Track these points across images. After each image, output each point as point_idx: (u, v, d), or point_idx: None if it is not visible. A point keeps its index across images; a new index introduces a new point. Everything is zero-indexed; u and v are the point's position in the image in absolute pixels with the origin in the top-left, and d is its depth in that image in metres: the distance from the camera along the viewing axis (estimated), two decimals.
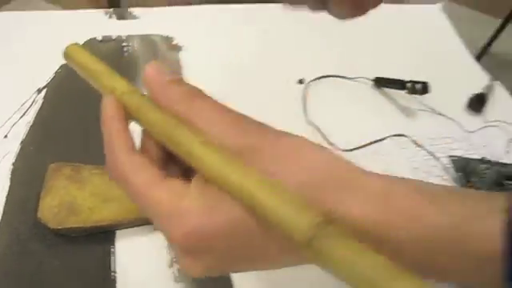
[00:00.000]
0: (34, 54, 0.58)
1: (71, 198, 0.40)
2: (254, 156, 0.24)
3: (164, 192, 0.25)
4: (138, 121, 0.27)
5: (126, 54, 0.60)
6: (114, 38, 0.62)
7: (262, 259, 0.25)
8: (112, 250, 0.39)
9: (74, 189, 0.41)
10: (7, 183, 0.43)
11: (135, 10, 0.66)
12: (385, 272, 0.19)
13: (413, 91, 0.56)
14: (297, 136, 0.25)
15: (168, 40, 0.62)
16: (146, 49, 0.60)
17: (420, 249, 0.23)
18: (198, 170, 0.24)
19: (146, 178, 0.26)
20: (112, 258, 0.39)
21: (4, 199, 0.42)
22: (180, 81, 0.27)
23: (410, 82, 0.57)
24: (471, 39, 0.75)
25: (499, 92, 0.63)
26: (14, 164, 0.45)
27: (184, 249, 0.24)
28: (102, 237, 0.40)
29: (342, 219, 0.22)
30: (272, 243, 0.23)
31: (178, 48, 0.61)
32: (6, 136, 0.48)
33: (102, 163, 0.27)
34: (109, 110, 0.27)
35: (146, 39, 0.62)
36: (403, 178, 0.25)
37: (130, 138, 0.27)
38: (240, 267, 0.26)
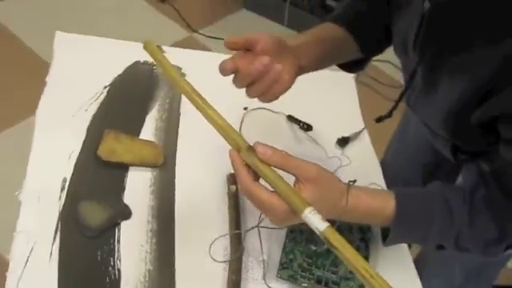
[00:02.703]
0: (102, 65, 1.05)
1: (114, 147, 0.88)
2: (317, 184, 0.63)
3: (277, 202, 0.61)
4: (252, 166, 0.63)
5: (154, 72, 1.07)
6: (149, 62, 1.09)
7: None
8: (126, 174, 0.87)
9: (115, 143, 0.88)
10: (83, 137, 0.91)
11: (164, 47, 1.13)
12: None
13: (303, 128, 1.03)
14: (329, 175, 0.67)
15: (178, 68, 1.08)
16: None
17: None
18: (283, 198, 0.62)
19: (266, 194, 0.62)
20: (125, 178, 0.86)
21: (81, 144, 0.90)
22: (275, 150, 0.63)
23: (302, 122, 1.03)
24: None
25: (363, 137, 1.08)
26: (88, 127, 0.93)
27: (278, 223, 0.65)
28: (123, 167, 0.88)
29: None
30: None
31: (182, 74, 1.08)
32: (86, 110, 0.96)
33: (132, 134, 0.75)
34: (236, 160, 0.63)
35: None
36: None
37: (251, 174, 0.63)
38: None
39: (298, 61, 0.77)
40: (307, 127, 1.03)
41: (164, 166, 0.90)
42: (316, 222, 0.60)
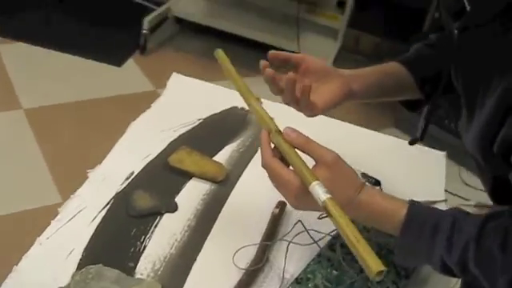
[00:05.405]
0: (203, 104, 1.19)
1: (183, 158, 0.98)
2: (331, 170, 0.67)
3: (292, 177, 0.66)
4: (276, 145, 0.70)
5: (247, 117, 1.18)
6: (245, 109, 1.20)
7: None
8: (187, 181, 0.96)
9: (186, 156, 0.98)
10: (163, 148, 1.03)
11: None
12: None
13: (371, 182, 1.03)
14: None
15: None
16: None
17: None
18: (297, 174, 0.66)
19: (283, 170, 0.67)
20: (185, 184, 0.95)
21: (158, 152, 1.01)
22: (300, 134, 0.68)
23: (371, 177, 1.04)
24: None
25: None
26: (171, 141, 1.05)
27: (291, 199, 0.69)
28: (186, 176, 0.96)
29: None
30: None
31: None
32: (174, 131, 1.08)
33: (207, 155, 0.85)
34: (264, 138, 0.70)
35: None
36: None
37: (272, 151, 0.69)
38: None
39: (349, 85, 0.82)
40: (375, 182, 1.03)
41: (223, 182, 0.97)
42: (320, 192, 0.63)
